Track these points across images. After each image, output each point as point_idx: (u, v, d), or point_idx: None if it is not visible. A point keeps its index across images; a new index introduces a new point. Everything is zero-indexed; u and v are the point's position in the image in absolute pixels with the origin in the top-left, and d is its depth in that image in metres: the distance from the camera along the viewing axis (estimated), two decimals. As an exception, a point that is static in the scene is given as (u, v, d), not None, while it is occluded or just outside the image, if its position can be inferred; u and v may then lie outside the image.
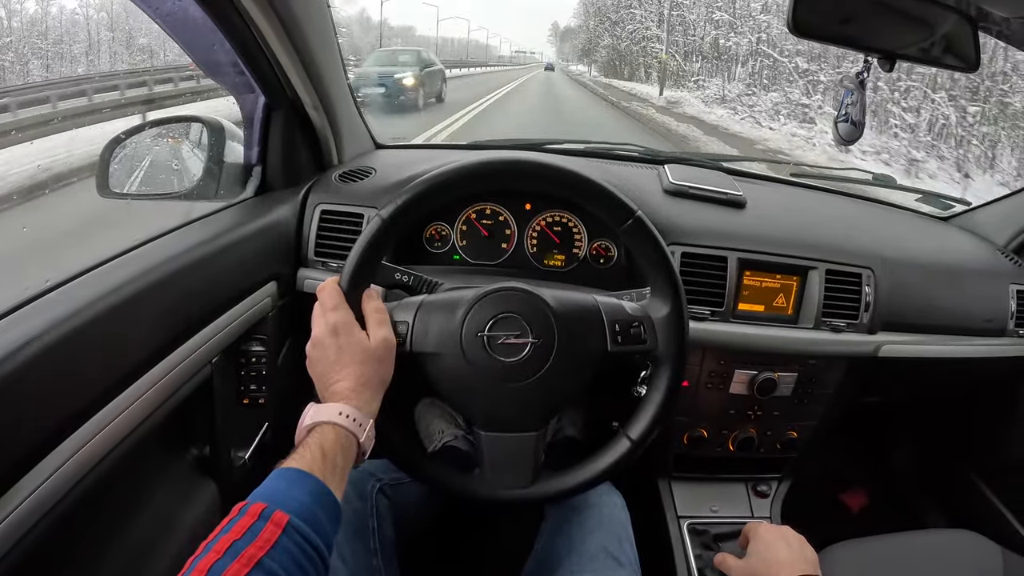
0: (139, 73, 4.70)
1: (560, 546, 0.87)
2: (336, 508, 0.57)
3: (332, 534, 0.55)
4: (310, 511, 0.52)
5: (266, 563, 0.46)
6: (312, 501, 0.53)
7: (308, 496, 0.53)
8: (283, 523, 0.49)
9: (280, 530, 0.49)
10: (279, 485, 0.54)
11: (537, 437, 0.76)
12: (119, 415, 0.65)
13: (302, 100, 1.03)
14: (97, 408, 0.63)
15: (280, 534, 0.48)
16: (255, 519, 0.49)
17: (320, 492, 0.55)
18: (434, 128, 9.03)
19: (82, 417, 0.61)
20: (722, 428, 1.14)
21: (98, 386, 0.64)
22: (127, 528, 0.76)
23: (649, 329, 0.77)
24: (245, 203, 1.03)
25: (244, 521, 0.49)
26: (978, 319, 1.18)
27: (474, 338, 0.72)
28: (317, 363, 0.69)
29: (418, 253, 1.12)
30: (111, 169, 0.99)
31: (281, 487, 0.54)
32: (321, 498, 0.55)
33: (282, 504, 0.51)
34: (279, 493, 0.53)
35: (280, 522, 0.49)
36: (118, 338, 0.67)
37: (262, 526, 0.48)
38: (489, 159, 0.76)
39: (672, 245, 1.03)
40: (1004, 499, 1.33)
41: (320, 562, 0.51)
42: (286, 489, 0.53)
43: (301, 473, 0.55)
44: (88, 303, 0.64)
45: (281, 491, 0.53)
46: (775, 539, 0.81)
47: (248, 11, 0.83)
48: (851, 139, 0.93)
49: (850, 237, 1.14)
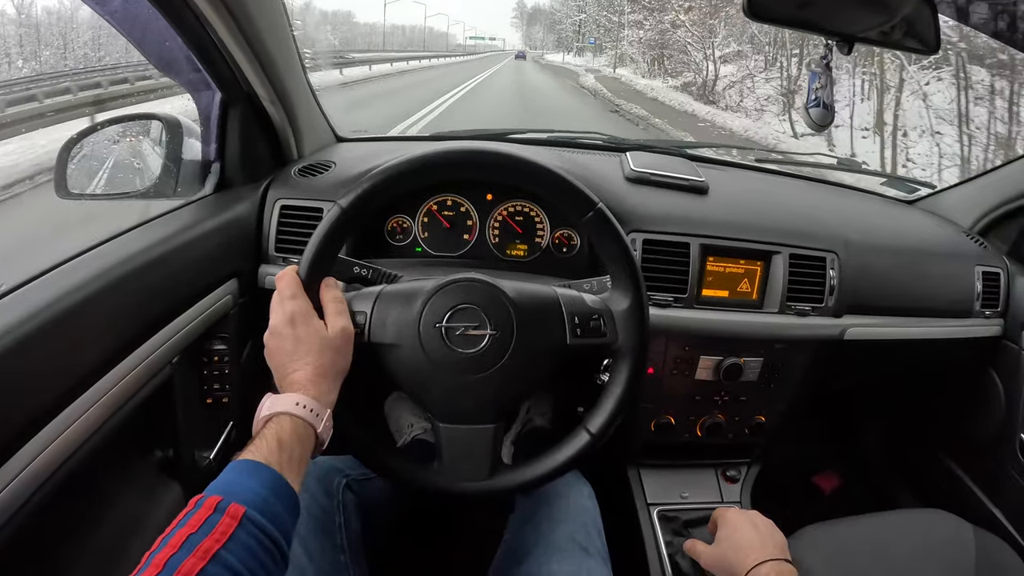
0: (91, 72, 4.55)
1: (528, 537, 0.87)
2: (294, 499, 0.56)
3: (291, 525, 0.55)
4: (266, 503, 0.52)
5: (223, 556, 0.46)
6: (268, 493, 0.53)
7: (264, 488, 0.53)
8: (239, 515, 0.49)
9: (236, 523, 0.48)
10: (235, 477, 0.54)
11: (495, 429, 0.75)
12: (77, 420, 0.64)
13: (258, 94, 1.01)
14: (54, 414, 0.62)
15: (236, 527, 0.48)
16: (211, 512, 0.48)
17: (276, 483, 0.55)
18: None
19: (38, 424, 0.60)
20: (689, 414, 1.15)
21: (54, 391, 0.63)
22: (91, 533, 0.75)
23: (609, 322, 0.77)
24: (204, 200, 1.01)
25: (200, 514, 0.48)
26: (944, 301, 1.20)
27: (432, 329, 0.72)
28: (275, 353, 0.68)
29: (380, 247, 1.11)
30: (69, 170, 0.97)
31: (237, 479, 0.53)
32: (278, 489, 0.54)
33: (238, 496, 0.51)
34: (235, 485, 0.52)
35: (236, 514, 0.49)
36: (74, 341, 0.66)
37: (218, 519, 0.48)
38: (449, 148, 0.75)
39: (633, 232, 1.03)
40: (974, 477, 1.35)
41: (278, 553, 0.51)
42: (242, 481, 0.53)
43: (257, 465, 0.55)
44: (41, 307, 0.63)
45: (237, 483, 0.53)
46: (743, 524, 0.82)
47: (197, 4, 0.81)
48: (824, 123, 0.92)
49: (814, 221, 1.15)
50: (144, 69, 3.97)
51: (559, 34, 61.51)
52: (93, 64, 7.76)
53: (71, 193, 0.96)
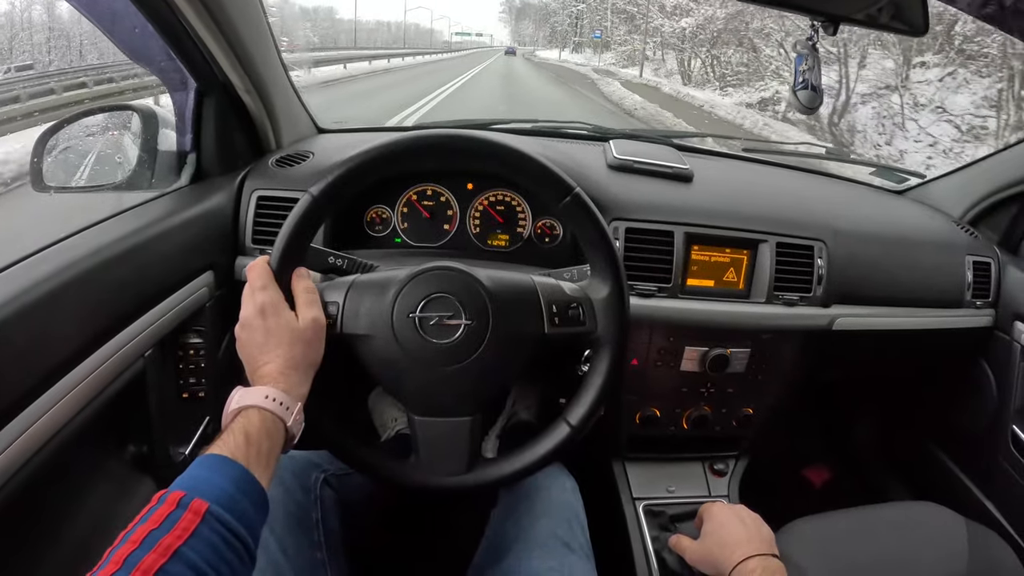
0: (75, 72, 4.48)
1: (509, 532, 0.85)
2: (262, 495, 0.55)
3: (258, 522, 0.54)
4: (232, 498, 0.51)
5: (184, 553, 0.45)
6: (234, 488, 0.52)
7: (230, 483, 0.52)
8: (202, 511, 0.48)
9: (199, 519, 0.47)
10: (200, 473, 0.52)
11: (473, 422, 0.74)
12: (45, 414, 0.63)
13: (233, 84, 1.00)
14: (21, 407, 0.61)
15: (199, 523, 0.47)
16: (173, 508, 0.47)
17: (243, 479, 0.53)
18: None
19: (5, 417, 0.59)
20: (675, 407, 1.13)
21: (20, 385, 0.62)
22: (63, 530, 0.74)
23: (588, 311, 0.75)
24: (179, 191, 1.00)
25: (162, 510, 0.47)
26: (934, 291, 1.19)
27: (405, 319, 0.70)
28: (245, 345, 0.67)
29: (360, 238, 1.09)
30: (45, 163, 0.96)
31: (201, 474, 0.52)
32: (244, 485, 0.53)
33: (202, 492, 0.49)
34: (199, 481, 0.51)
35: (199, 510, 0.48)
36: (40, 336, 0.65)
37: (180, 515, 0.47)
38: (419, 135, 0.73)
39: (616, 221, 1.02)
40: (966, 469, 1.34)
41: (244, 551, 0.50)
42: (206, 476, 0.52)
43: (223, 459, 0.54)
44: (5, 301, 0.62)
45: (201, 479, 0.52)
46: (729, 519, 0.81)
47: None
48: (813, 105, 0.90)
49: (801, 210, 1.14)
50: (129, 67, 3.92)
51: (553, 27, 58.34)
52: (76, 63, 7.65)
53: (47, 186, 0.95)
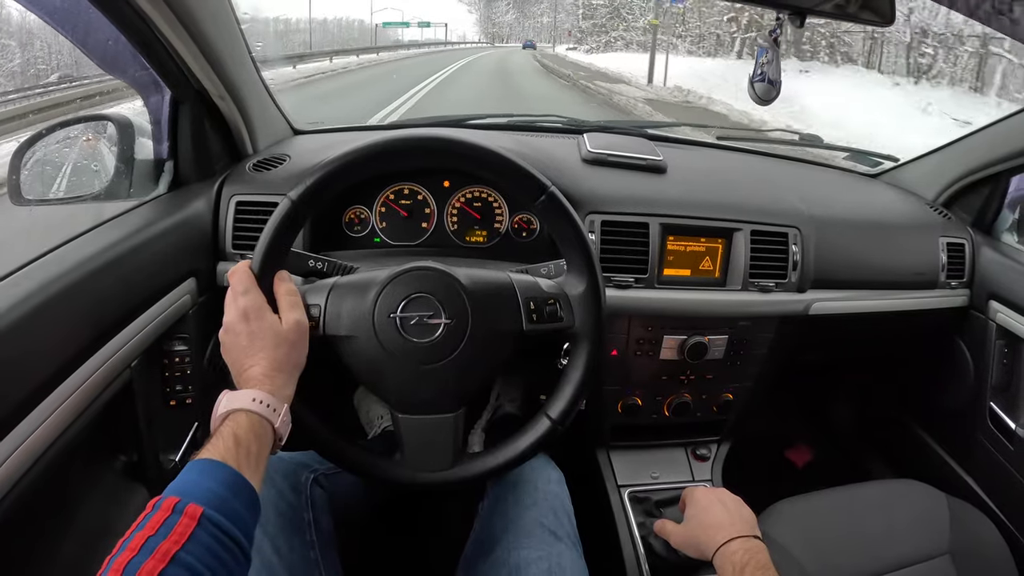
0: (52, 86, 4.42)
1: (497, 524, 0.87)
2: (253, 496, 0.56)
3: (251, 523, 0.55)
4: (225, 501, 0.52)
5: (182, 557, 0.46)
6: (226, 491, 0.53)
7: (222, 486, 0.53)
8: (197, 515, 0.49)
9: (195, 523, 0.48)
10: (192, 477, 0.53)
11: (456, 418, 0.75)
12: (34, 431, 0.63)
13: (207, 90, 1.00)
14: (9, 427, 0.61)
15: (195, 527, 0.48)
16: (169, 513, 0.48)
17: (234, 481, 0.54)
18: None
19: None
20: (656, 394, 1.15)
21: (9, 403, 0.62)
22: (57, 542, 0.74)
23: (565, 307, 0.77)
24: (157, 200, 1.00)
25: (158, 516, 0.48)
26: (909, 273, 1.21)
27: (386, 319, 0.71)
28: (230, 349, 0.68)
29: (339, 239, 1.10)
30: (23, 176, 0.96)
31: (194, 479, 0.53)
32: (236, 487, 0.54)
33: (195, 496, 0.50)
34: (192, 485, 0.52)
35: (194, 515, 0.49)
36: (27, 352, 0.65)
37: (176, 520, 0.48)
38: (397, 136, 0.74)
39: (591, 214, 1.03)
40: (946, 447, 1.36)
41: (239, 552, 0.51)
42: (199, 481, 0.53)
43: (214, 463, 0.55)
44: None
45: (194, 483, 0.53)
46: (711, 502, 0.82)
47: (135, 1, 0.80)
48: (768, 98, 0.93)
49: (775, 197, 1.15)
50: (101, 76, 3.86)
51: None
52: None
53: (26, 200, 0.95)
